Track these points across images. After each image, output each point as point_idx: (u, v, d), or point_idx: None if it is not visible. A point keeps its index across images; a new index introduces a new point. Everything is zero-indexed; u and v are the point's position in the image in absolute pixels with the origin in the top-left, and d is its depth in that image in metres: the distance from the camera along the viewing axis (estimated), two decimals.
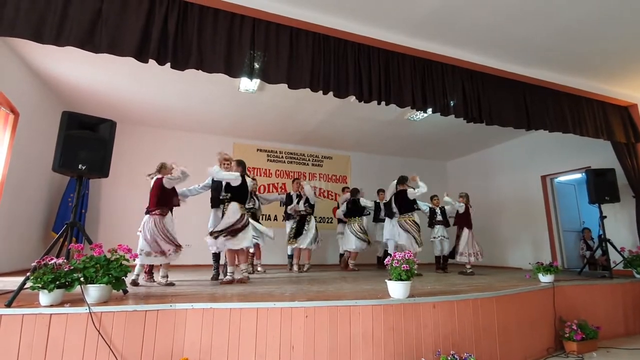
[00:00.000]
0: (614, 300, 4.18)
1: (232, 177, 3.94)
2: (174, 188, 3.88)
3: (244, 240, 3.87)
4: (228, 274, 3.91)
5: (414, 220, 5.32)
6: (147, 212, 3.77)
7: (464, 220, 5.74)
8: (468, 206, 5.80)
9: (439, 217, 6.07)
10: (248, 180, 4.18)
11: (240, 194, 4.00)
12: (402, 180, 5.52)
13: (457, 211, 5.78)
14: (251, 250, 5.15)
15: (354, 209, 6.11)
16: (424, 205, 6.06)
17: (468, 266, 5.52)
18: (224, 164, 4.08)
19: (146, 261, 3.64)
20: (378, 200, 6.59)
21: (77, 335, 2.17)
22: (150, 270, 3.96)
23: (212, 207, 4.32)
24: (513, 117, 4.42)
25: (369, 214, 6.37)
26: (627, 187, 5.22)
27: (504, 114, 4.37)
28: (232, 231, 3.80)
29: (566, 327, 3.51)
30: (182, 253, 3.72)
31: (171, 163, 3.91)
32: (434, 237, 6.02)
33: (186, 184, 4.13)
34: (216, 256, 4.33)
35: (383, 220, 6.46)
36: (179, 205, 3.97)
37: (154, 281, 3.85)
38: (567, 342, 3.48)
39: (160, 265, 3.71)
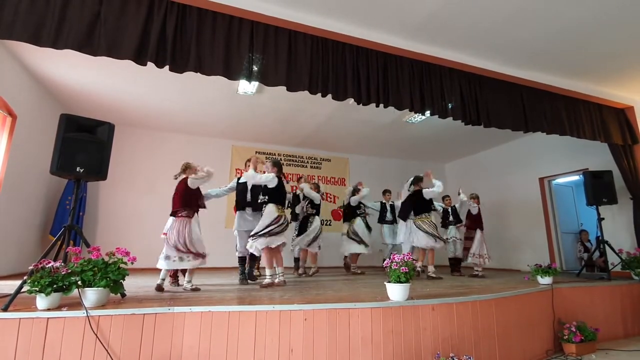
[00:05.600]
0: (613, 302, 4.19)
1: (269, 178, 3.90)
2: (198, 189, 3.73)
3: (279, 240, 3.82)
4: (267, 276, 3.83)
5: (431, 220, 5.18)
6: (173, 214, 3.64)
7: (477, 221, 5.64)
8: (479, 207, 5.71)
9: (451, 218, 6.01)
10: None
11: (277, 195, 3.95)
12: (417, 180, 5.38)
13: (470, 212, 5.70)
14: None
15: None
16: (438, 206, 5.97)
17: (479, 269, 5.42)
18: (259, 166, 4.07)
19: (164, 265, 3.47)
20: (384, 201, 6.52)
21: (75, 339, 2.16)
22: (175, 274, 3.90)
23: (237, 209, 4.29)
24: (511, 119, 4.44)
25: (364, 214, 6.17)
26: (625, 189, 5.24)
27: (502, 116, 4.39)
28: (270, 233, 3.74)
29: (565, 329, 3.52)
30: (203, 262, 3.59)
31: (196, 164, 3.78)
32: (447, 239, 5.93)
33: (205, 186, 4.12)
34: (242, 260, 4.29)
35: (390, 222, 6.39)
36: (204, 207, 3.83)
37: (179, 285, 3.80)
38: (566, 344, 3.48)
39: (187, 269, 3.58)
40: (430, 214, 5.27)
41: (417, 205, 5.27)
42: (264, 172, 4.02)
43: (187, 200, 3.61)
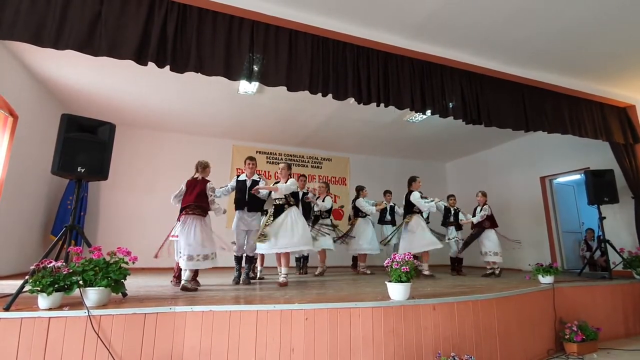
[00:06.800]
0: (614, 301, 4.18)
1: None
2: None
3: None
4: (282, 275, 3.99)
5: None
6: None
7: (491, 219, 5.55)
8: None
9: (452, 219, 5.95)
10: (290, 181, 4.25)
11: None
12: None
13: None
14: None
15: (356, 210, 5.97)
16: (441, 203, 5.86)
17: (489, 267, 5.37)
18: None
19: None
20: (384, 202, 6.46)
21: (76, 339, 2.16)
22: (179, 275, 3.88)
23: (236, 209, 4.27)
24: (512, 118, 4.44)
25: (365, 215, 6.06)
26: (626, 188, 5.22)
27: (503, 115, 4.38)
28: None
29: (566, 329, 3.51)
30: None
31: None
32: (449, 239, 5.92)
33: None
34: (238, 259, 4.28)
35: (389, 222, 6.34)
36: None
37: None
38: (567, 344, 3.48)
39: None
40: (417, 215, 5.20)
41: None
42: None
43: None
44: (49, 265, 2.28)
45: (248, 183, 4.27)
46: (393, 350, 2.59)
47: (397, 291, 2.79)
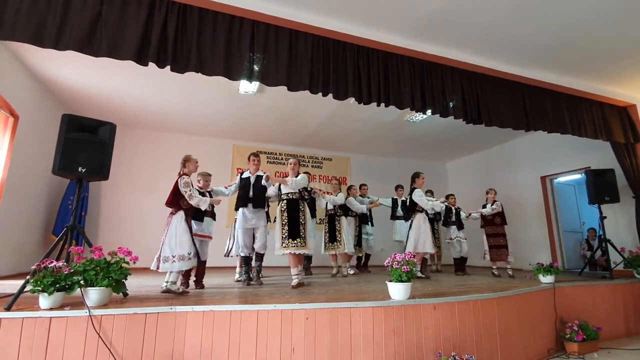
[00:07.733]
0: (615, 301, 4.18)
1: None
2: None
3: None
4: (295, 276, 3.91)
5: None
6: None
7: (501, 216, 5.44)
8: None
9: (453, 218, 5.90)
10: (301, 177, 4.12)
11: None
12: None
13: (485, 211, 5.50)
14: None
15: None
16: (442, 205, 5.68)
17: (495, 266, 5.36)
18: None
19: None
20: (396, 197, 6.38)
21: (77, 339, 2.17)
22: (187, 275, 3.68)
23: (240, 207, 4.16)
24: (512, 118, 4.43)
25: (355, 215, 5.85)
26: (627, 187, 5.22)
27: (503, 115, 4.37)
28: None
29: (567, 328, 3.51)
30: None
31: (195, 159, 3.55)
32: (451, 239, 5.85)
33: (215, 184, 4.26)
34: (246, 259, 4.17)
35: (401, 218, 6.16)
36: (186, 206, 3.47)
37: (188, 286, 3.62)
38: (568, 343, 3.48)
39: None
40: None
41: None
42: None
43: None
44: (50, 265, 2.29)
45: (252, 180, 4.24)
46: (393, 349, 2.59)
47: (397, 291, 2.80)
